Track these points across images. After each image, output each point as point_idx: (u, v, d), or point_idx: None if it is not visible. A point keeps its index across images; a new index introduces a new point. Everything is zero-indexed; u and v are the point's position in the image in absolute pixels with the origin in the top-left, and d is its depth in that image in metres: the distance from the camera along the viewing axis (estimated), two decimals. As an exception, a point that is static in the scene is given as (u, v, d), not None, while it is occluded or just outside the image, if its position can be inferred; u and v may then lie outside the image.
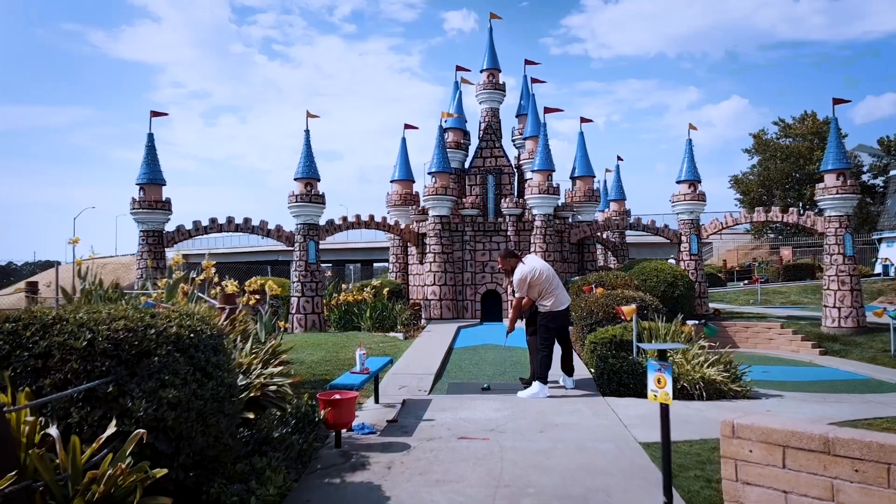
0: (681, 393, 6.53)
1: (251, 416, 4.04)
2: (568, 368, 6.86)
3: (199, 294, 6.95)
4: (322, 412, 4.40)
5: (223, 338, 3.43)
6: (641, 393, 6.48)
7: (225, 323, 5.26)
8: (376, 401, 6.24)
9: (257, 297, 6.99)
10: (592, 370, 7.66)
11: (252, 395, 4.15)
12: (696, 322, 7.58)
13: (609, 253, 20.59)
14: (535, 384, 6.46)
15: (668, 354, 6.84)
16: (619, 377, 6.55)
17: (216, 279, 7.62)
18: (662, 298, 10.74)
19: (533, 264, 6.58)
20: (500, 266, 6.92)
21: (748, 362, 8.07)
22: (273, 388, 4.25)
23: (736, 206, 42.67)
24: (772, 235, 42.42)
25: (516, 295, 6.60)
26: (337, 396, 4.54)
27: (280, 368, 4.52)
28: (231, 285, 7.13)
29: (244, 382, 4.20)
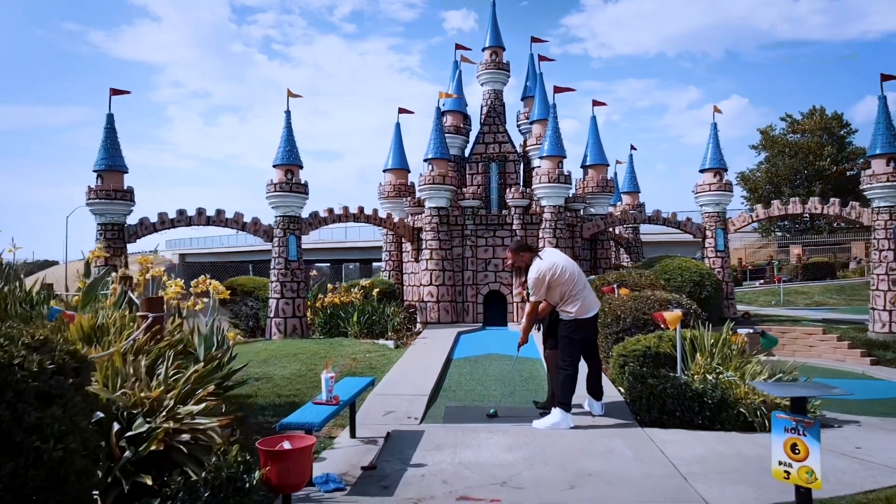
0: (739, 422, 5.26)
1: (149, 481, 2.77)
2: (596, 390, 5.58)
3: (132, 297, 5.67)
4: (263, 469, 3.11)
5: (72, 375, 2.14)
6: (691, 422, 5.22)
7: (142, 338, 3.98)
8: (352, 434, 4.96)
9: (205, 300, 5.70)
10: (622, 389, 6.39)
11: (153, 448, 2.87)
12: (750, 330, 6.31)
13: (622, 250, 19.33)
14: (556, 412, 5.18)
15: (783, 398, 5.58)
16: (661, 402, 5.27)
17: (165, 278, 6.36)
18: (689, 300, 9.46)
19: (553, 259, 5.30)
20: (509, 262, 5.64)
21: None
22: (186, 436, 2.96)
23: (742, 203, 41.96)
24: (779, 234, 41.70)
25: (531, 298, 5.32)
26: (286, 445, 3.25)
27: (204, 405, 3.23)
28: (175, 286, 5.87)
29: (143, 429, 2.93)
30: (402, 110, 15.96)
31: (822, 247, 36.82)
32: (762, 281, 31.20)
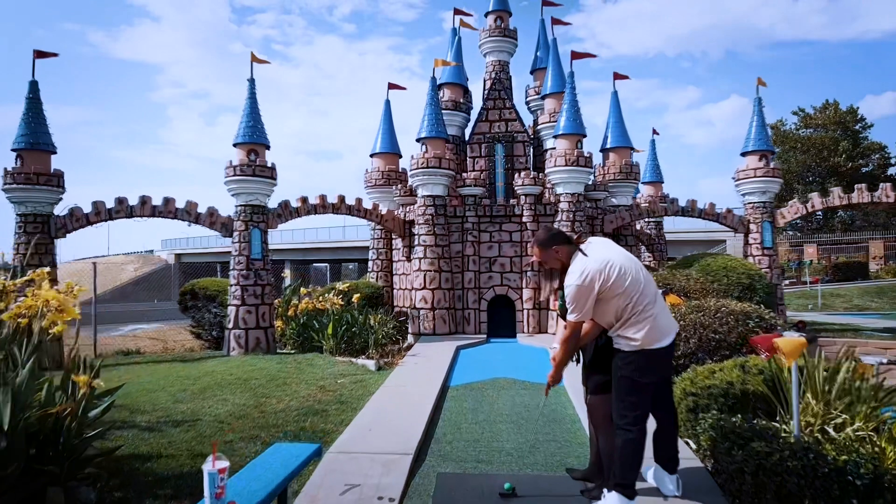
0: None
1: None
2: (668, 457, 3.73)
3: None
4: None
5: None
6: (828, 516, 3.38)
7: None
8: (282, 542, 3.12)
9: (62, 317, 3.81)
10: (691, 443, 4.57)
11: None
12: (882, 360, 4.47)
13: (642, 248, 17.48)
14: (613, 499, 3.34)
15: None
16: (777, 480, 3.43)
17: (45, 282, 4.50)
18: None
19: (605, 255, 3.46)
20: (535, 260, 3.79)
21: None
22: None
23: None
24: (790, 232, 40.92)
25: (569, 317, 3.46)
26: None
27: None
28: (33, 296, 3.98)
29: None
30: (392, 85, 14.13)
31: (837, 246, 35.55)
32: (786, 282, 29.59)
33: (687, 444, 4.64)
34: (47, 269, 4.60)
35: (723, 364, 4.96)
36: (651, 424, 3.70)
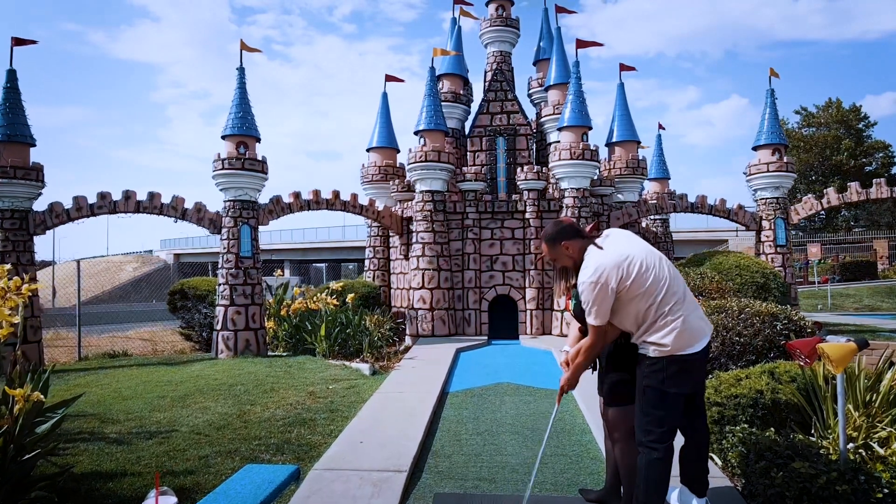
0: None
1: None
2: (697, 479, 3.31)
3: None
4: None
5: None
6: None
7: None
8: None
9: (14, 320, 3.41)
10: (716, 459, 4.16)
11: None
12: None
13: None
14: (636, 529, 2.93)
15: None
16: (822, 506, 3.01)
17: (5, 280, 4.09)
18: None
19: (623, 249, 3.04)
20: (543, 256, 3.36)
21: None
22: None
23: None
24: (792, 231, 40.94)
25: (589, 320, 3.03)
26: None
27: None
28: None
29: None
30: (389, 77, 13.70)
31: (840, 245, 35.27)
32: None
33: (711, 458, 4.23)
34: (8, 266, 4.20)
35: (749, 370, 4.56)
36: (677, 440, 3.29)
